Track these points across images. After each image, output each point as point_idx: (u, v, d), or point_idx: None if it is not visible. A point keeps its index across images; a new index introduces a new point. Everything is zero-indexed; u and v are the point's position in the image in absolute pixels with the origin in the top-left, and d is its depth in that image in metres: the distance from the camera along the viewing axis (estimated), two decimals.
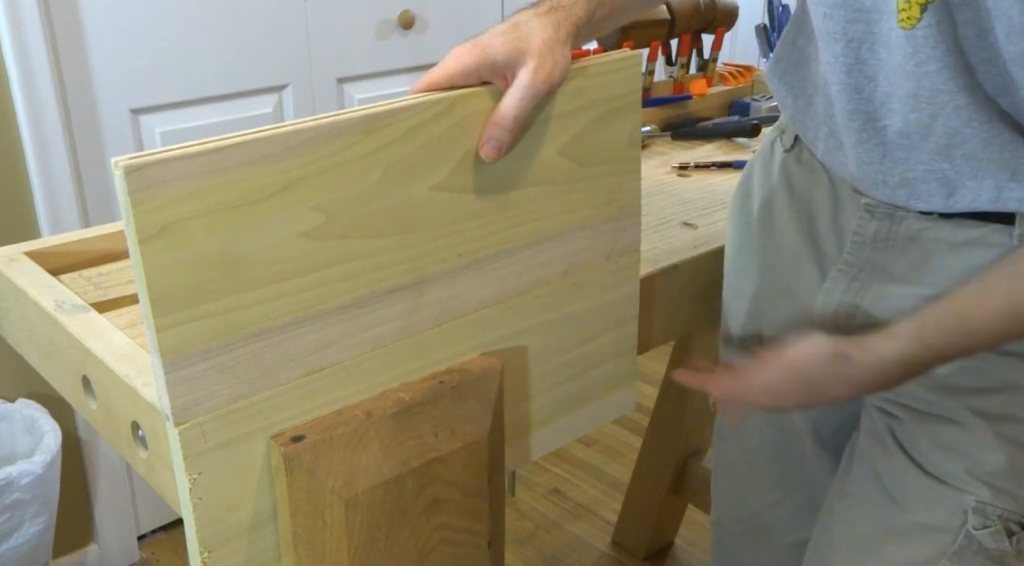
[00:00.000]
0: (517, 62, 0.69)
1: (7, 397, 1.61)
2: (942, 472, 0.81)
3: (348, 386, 0.70)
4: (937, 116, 0.72)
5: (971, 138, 0.72)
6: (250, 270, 0.62)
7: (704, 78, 1.53)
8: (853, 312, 0.85)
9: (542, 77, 0.70)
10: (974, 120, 0.71)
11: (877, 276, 0.83)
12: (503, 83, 0.71)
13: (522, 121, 0.70)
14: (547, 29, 0.71)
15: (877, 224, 0.81)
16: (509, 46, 0.70)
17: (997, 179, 0.74)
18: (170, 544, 1.90)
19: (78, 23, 1.56)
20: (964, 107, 0.71)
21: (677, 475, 1.75)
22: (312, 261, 0.65)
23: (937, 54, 0.69)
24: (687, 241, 1.02)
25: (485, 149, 0.70)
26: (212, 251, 0.60)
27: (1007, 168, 0.73)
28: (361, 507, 0.68)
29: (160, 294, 0.59)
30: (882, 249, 0.82)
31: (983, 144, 0.72)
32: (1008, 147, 0.72)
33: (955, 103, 0.71)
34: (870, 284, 0.83)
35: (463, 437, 0.73)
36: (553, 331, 0.84)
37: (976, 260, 0.77)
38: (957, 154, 0.74)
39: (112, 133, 1.63)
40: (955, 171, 0.75)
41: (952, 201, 0.76)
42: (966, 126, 0.72)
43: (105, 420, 0.78)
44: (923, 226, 0.79)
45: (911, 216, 0.79)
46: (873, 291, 0.83)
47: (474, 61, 0.69)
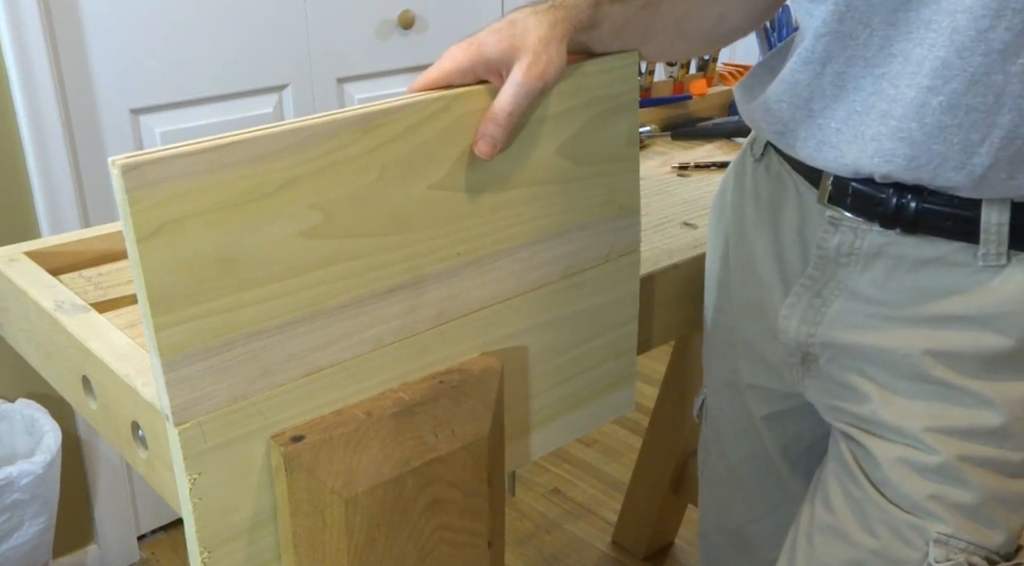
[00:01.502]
0: (511, 58, 0.70)
1: (7, 397, 1.61)
2: (905, 501, 0.78)
3: (348, 386, 0.70)
4: (935, 45, 0.67)
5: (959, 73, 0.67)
6: (249, 269, 0.62)
7: (704, 78, 1.53)
8: (814, 332, 0.83)
9: (535, 73, 0.69)
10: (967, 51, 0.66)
11: (839, 293, 0.80)
12: (498, 80, 0.71)
13: (516, 117, 0.70)
14: (543, 26, 0.71)
15: (840, 238, 0.78)
16: (504, 43, 0.70)
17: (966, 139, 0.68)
18: (170, 544, 1.90)
19: (78, 23, 1.56)
20: (960, 31, 0.66)
21: (677, 475, 1.75)
22: (311, 260, 0.65)
23: None
24: (687, 241, 1.02)
25: (479, 145, 0.70)
26: (210, 250, 0.60)
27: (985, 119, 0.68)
28: (361, 507, 0.68)
29: (159, 293, 0.59)
30: (845, 265, 0.79)
31: (970, 81, 0.67)
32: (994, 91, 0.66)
33: (953, 26, 0.66)
34: (831, 301, 0.81)
35: (463, 437, 0.73)
36: (553, 331, 0.84)
37: (938, 282, 0.74)
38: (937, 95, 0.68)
39: (112, 133, 1.63)
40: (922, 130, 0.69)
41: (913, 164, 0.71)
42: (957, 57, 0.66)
43: (105, 420, 0.78)
44: (886, 241, 0.76)
45: (874, 231, 0.76)
46: (833, 308, 0.81)
47: (469, 59, 0.69)
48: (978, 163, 0.69)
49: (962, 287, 0.74)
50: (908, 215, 0.73)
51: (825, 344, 0.82)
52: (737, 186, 0.93)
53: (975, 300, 0.73)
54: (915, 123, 0.70)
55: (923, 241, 0.74)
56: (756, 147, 0.90)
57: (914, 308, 0.76)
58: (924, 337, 0.76)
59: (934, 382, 0.76)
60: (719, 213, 0.96)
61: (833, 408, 0.85)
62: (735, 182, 0.93)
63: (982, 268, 0.72)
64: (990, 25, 0.65)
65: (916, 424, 0.77)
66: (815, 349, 0.83)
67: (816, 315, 0.82)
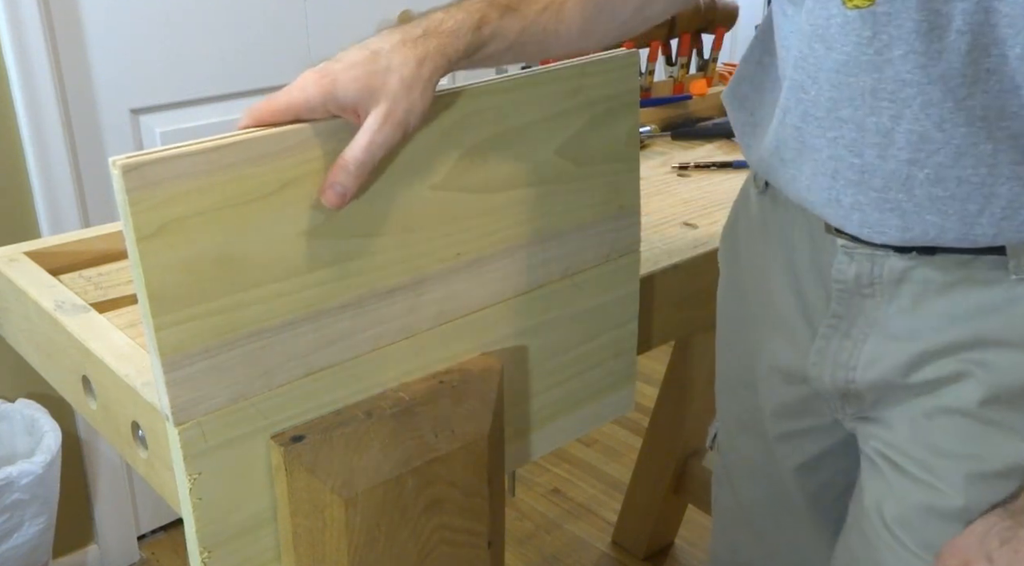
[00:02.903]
0: (368, 103, 0.62)
1: (7, 397, 1.61)
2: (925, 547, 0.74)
3: (348, 386, 0.70)
4: (901, 117, 0.65)
5: (942, 146, 0.64)
6: (249, 269, 0.62)
7: (704, 78, 1.53)
8: (852, 377, 0.78)
9: (394, 122, 0.62)
10: (948, 122, 0.63)
11: (869, 331, 0.75)
12: (354, 119, 0.64)
13: (369, 167, 0.63)
14: (408, 65, 0.63)
15: (857, 267, 0.73)
16: (360, 83, 0.62)
17: (963, 210, 0.65)
18: (170, 544, 1.90)
19: (78, 23, 1.56)
20: (936, 104, 0.63)
21: (677, 475, 1.75)
22: (311, 260, 0.65)
23: (902, 35, 0.62)
24: (687, 241, 1.02)
25: (327, 195, 0.63)
26: (211, 250, 0.60)
27: (980, 190, 0.64)
28: (361, 507, 0.68)
29: (159, 293, 0.59)
30: (869, 295, 0.74)
31: (955, 153, 0.64)
32: (986, 162, 0.63)
33: (924, 98, 0.63)
34: (863, 341, 0.76)
35: (463, 437, 0.73)
36: (553, 331, 0.84)
37: (971, 302, 0.69)
38: (922, 168, 0.65)
39: (112, 133, 1.63)
40: (911, 201, 0.67)
41: (908, 235, 0.68)
42: (937, 130, 0.64)
43: (105, 420, 0.78)
44: (907, 265, 0.71)
45: (892, 255, 0.71)
46: (867, 350, 0.76)
47: (320, 94, 0.62)
48: (981, 234, 0.65)
49: (998, 306, 0.69)
50: None
51: (870, 387, 0.77)
52: (744, 217, 0.89)
53: (1013, 321, 0.68)
54: (903, 195, 0.67)
55: (947, 260, 0.69)
56: (759, 178, 0.85)
57: (949, 335, 0.71)
58: (962, 366, 0.71)
59: (973, 416, 0.71)
60: (730, 245, 0.92)
61: (869, 434, 0.80)
62: (742, 213, 0.89)
63: (1016, 282, 0.67)
64: (968, 93, 0.62)
65: (952, 467, 0.73)
66: (858, 391, 0.78)
67: (850, 359, 0.77)
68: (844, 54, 0.65)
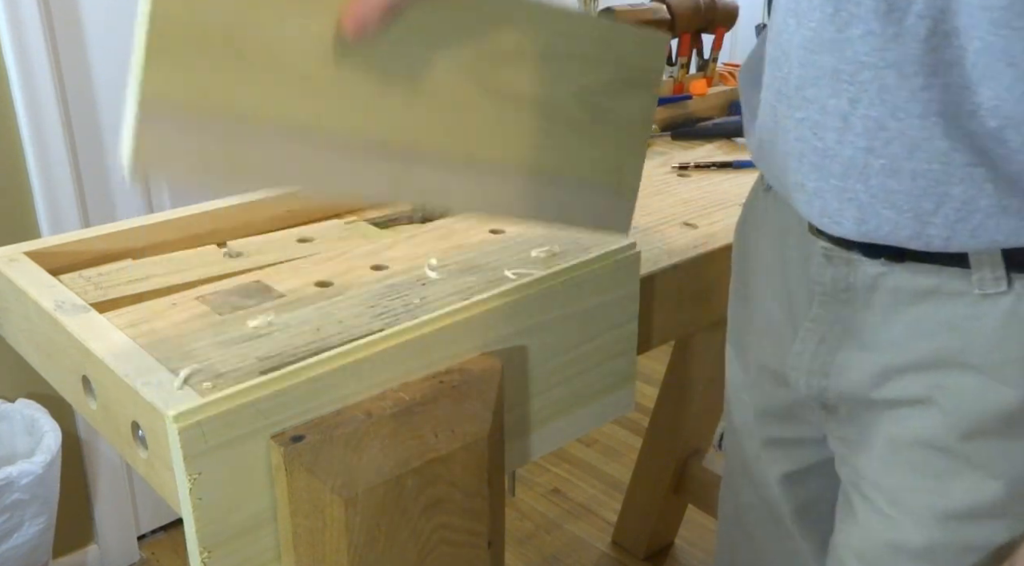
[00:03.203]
0: None
1: (7, 397, 1.61)
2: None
3: (348, 386, 0.71)
4: (858, 101, 0.63)
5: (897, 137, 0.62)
6: (254, 51, 0.60)
7: (704, 78, 1.53)
8: (825, 385, 0.76)
9: None
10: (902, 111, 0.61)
11: (844, 338, 0.74)
12: None
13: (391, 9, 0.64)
14: None
15: (834, 271, 0.72)
16: None
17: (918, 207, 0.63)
18: (170, 544, 1.90)
19: (78, 23, 1.56)
20: (891, 90, 0.61)
21: (677, 475, 1.75)
22: (319, 77, 0.63)
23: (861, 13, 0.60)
24: (687, 241, 1.02)
25: (346, 21, 0.63)
26: (223, 19, 0.59)
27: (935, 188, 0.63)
28: (361, 507, 0.68)
29: (161, 31, 0.57)
30: (845, 302, 0.72)
31: (910, 146, 0.62)
32: (940, 159, 0.61)
33: (880, 83, 0.61)
34: (837, 349, 0.75)
35: (463, 437, 0.73)
36: (553, 331, 0.84)
37: (938, 317, 0.67)
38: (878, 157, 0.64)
39: (112, 133, 1.63)
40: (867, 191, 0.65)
41: (864, 228, 0.66)
42: (892, 118, 0.62)
43: (105, 420, 0.78)
44: (879, 271, 0.69)
45: (866, 261, 0.70)
46: (840, 358, 0.75)
47: None
48: (935, 235, 0.64)
49: (959, 324, 0.67)
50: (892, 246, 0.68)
51: (840, 397, 0.76)
52: (751, 215, 0.88)
53: (976, 341, 0.66)
54: (860, 185, 0.65)
55: (916, 270, 0.68)
56: (765, 180, 0.85)
57: (915, 351, 0.69)
58: (926, 388, 0.69)
59: (936, 448, 0.70)
60: (738, 243, 0.91)
61: (844, 461, 0.79)
62: (749, 211, 0.88)
63: (980, 298, 0.65)
64: (925, 83, 0.60)
65: (916, 503, 0.72)
66: (831, 400, 0.78)
67: (823, 365, 0.76)
68: (810, 30, 0.64)
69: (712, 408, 1.72)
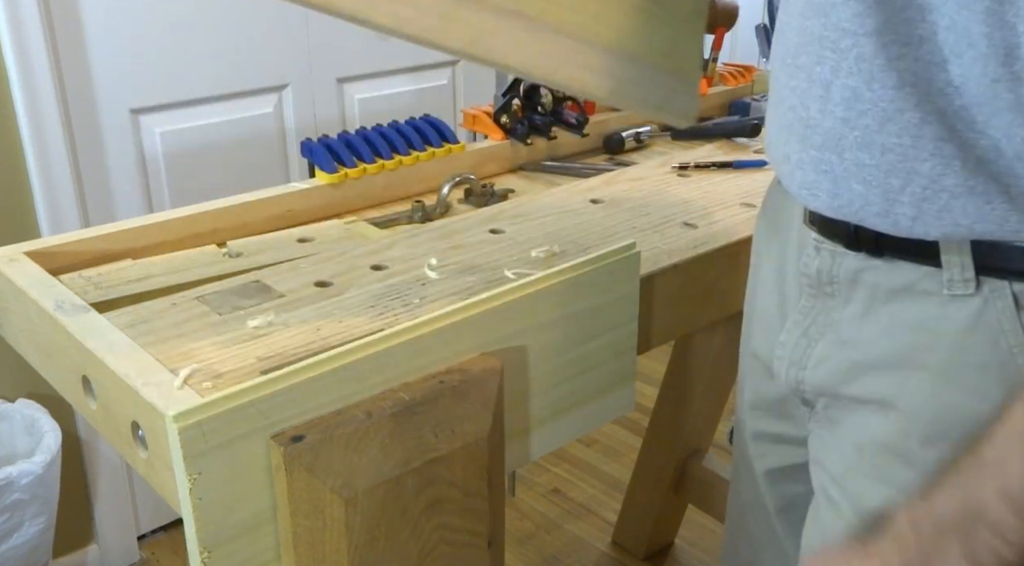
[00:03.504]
0: None
1: (7, 397, 1.61)
2: None
3: (348, 386, 0.70)
4: (839, 70, 0.64)
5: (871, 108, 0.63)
6: None
7: (704, 78, 1.53)
8: (802, 377, 0.77)
9: None
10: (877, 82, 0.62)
11: (824, 332, 0.74)
12: None
13: None
14: None
15: (820, 262, 0.72)
16: None
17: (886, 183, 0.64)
18: (170, 544, 1.89)
19: (78, 23, 1.56)
20: (868, 59, 0.62)
21: (677, 475, 1.75)
22: None
23: None
24: (687, 241, 1.02)
25: None
26: None
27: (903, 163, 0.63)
28: (361, 507, 0.68)
29: None
30: (829, 295, 0.73)
31: (882, 117, 0.63)
32: (910, 132, 0.62)
33: (859, 51, 0.62)
34: (817, 341, 0.75)
35: (463, 437, 0.73)
36: (553, 331, 0.84)
37: (908, 315, 0.67)
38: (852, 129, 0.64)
39: (112, 133, 1.63)
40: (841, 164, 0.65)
41: (836, 202, 0.67)
42: (867, 88, 0.63)
43: (105, 420, 0.78)
44: (860, 266, 0.70)
45: (849, 254, 0.70)
46: (817, 351, 0.75)
47: None
48: (902, 214, 0.64)
49: (928, 323, 0.67)
50: (869, 234, 0.68)
51: (815, 391, 0.77)
52: (764, 207, 0.88)
53: (940, 343, 0.66)
54: (835, 156, 0.66)
55: (894, 267, 0.68)
56: None
57: (882, 348, 0.69)
58: (889, 388, 0.69)
59: (897, 453, 0.69)
60: (755, 232, 0.90)
61: (814, 459, 0.79)
62: (764, 202, 0.89)
63: (949, 299, 0.65)
64: (899, 54, 0.61)
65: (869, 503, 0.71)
66: (808, 394, 0.78)
67: (802, 357, 0.77)
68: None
69: (712, 408, 1.72)
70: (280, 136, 1.84)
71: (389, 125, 1.18)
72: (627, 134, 1.36)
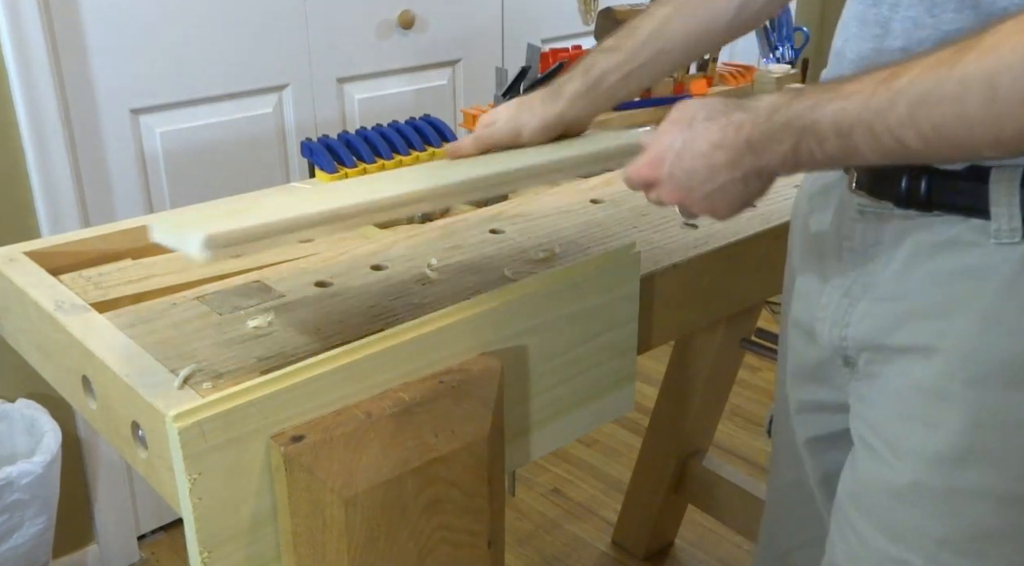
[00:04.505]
0: None
1: (7, 397, 1.61)
2: (891, 532, 0.76)
3: (348, 386, 0.70)
4: (898, 5, 0.69)
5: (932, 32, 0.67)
6: None
7: (704, 78, 1.53)
8: (845, 334, 0.80)
9: None
10: (938, 7, 0.66)
11: (866, 290, 0.78)
12: None
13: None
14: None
15: (865, 226, 0.77)
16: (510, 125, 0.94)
17: None
18: (170, 544, 1.89)
19: (78, 23, 1.56)
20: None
21: (677, 475, 1.75)
22: None
23: None
24: (687, 241, 1.02)
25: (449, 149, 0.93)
26: None
27: None
28: (361, 507, 0.68)
29: None
30: (872, 258, 0.77)
31: (942, 39, 0.65)
32: None
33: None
34: (859, 300, 0.78)
35: (463, 437, 0.73)
36: (553, 331, 0.84)
37: (952, 265, 0.71)
38: None
39: (112, 133, 1.63)
40: None
41: None
42: (928, 15, 0.67)
43: (105, 420, 0.78)
44: (906, 226, 0.73)
45: (896, 215, 0.74)
46: (859, 309, 0.78)
47: None
48: None
49: (974, 271, 0.70)
50: (920, 191, 0.71)
51: (859, 346, 0.79)
52: (803, 187, 0.91)
53: (986, 288, 0.69)
54: None
55: (940, 221, 0.71)
56: None
57: (927, 298, 0.72)
58: (934, 334, 0.72)
59: (937, 394, 0.72)
60: (792, 215, 0.94)
61: (855, 414, 0.82)
62: (804, 183, 0.91)
63: (996, 248, 0.68)
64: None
65: (908, 444, 0.74)
66: (851, 352, 0.80)
67: (844, 316, 0.80)
68: None
69: (712, 408, 1.72)
70: (280, 136, 1.84)
71: (389, 125, 1.18)
72: None
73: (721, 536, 1.89)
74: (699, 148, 0.72)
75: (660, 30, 0.91)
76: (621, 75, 0.91)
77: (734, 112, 0.71)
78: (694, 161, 0.72)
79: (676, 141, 0.73)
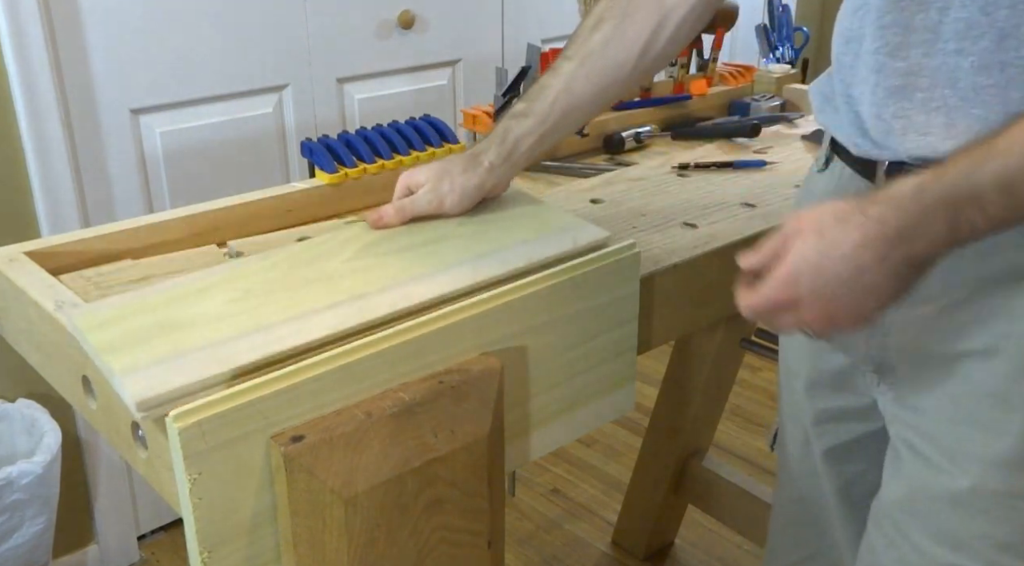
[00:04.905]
0: None
1: (7, 397, 1.61)
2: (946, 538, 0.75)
3: (348, 386, 0.70)
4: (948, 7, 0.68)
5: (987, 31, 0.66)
6: None
7: (704, 78, 1.53)
8: (885, 342, 0.79)
9: None
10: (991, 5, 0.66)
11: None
12: None
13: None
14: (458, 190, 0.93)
15: None
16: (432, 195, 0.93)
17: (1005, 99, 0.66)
18: (170, 544, 1.89)
19: (78, 23, 1.56)
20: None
21: (677, 475, 1.75)
22: None
23: None
24: (687, 241, 1.02)
25: (372, 218, 0.92)
26: None
27: (1021, 78, 0.65)
28: (361, 507, 0.68)
29: None
30: None
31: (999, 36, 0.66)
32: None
33: None
34: (896, 309, 0.74)
35: (463, 437, 0.73)
36: (553, 331, 0.84)
37: (997, 266, 0.70)
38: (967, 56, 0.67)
39: (112, 133, 1.63)
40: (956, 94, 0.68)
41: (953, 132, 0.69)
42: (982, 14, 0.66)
43: (105, 420, 0.78)
44: None
45: None
46: (900, 317, 0.77)
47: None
48: None
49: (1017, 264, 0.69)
50: None
51: (902, 354, 0.78)
52: (806, 197, 0.90)
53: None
54: (948, 90, 0.68)
55: None
56: (818, 161, 0.88)
57: (988, 300, 0.71)
58: (993, 340, 0.71)
59: (998, 397, 0.71)
60: None
61: (898, 419, 0.80)
62: (804, 196, 0.91)
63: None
64: None
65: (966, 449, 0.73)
66: (891, 358, 0.79)
67: (882, 325, 0.78)
68: None
69: (712, 408, 1.72)
70: (280, 136, 1.84)
71: (389, 125, 1.18)
72: (627, 134, 1.36)
73: (721, 536, 1.89)
74: (841, 252, 0.66)
75: (567, 88, 0.91)
76: (535, 138, 0.92)
77: (868, 207, 0.66)
78: (837, 267, 0.66)
79: (809, 253, 0.67)
